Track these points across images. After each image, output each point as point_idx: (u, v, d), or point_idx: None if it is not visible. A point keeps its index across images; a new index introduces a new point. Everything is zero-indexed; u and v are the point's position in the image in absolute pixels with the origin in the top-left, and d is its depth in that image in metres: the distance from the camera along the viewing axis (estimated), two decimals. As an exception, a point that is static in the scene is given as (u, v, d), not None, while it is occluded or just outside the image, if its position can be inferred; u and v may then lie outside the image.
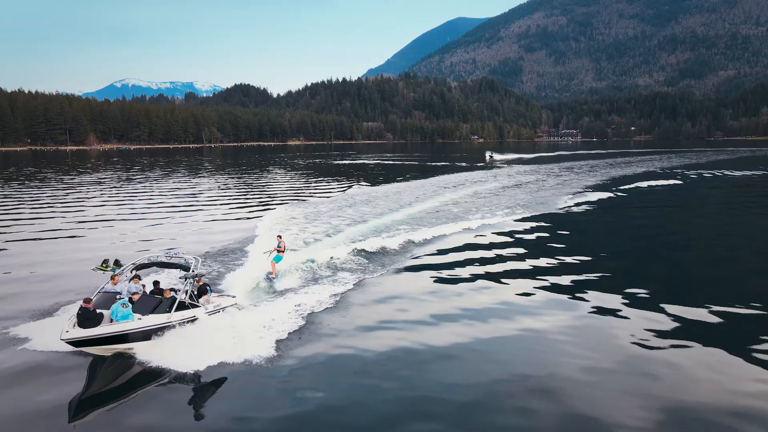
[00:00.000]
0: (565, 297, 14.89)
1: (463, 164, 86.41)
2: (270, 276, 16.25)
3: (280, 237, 17.72)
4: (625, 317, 13.21)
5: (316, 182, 52.80)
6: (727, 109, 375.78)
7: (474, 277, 17.09)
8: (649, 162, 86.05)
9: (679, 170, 66.33)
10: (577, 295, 15.02)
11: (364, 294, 15.23)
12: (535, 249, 21.15)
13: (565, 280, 16.56)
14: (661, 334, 12.08)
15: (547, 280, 16.55)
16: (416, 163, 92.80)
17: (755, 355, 10.91)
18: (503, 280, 16.70)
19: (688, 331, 12.27)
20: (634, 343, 11.56)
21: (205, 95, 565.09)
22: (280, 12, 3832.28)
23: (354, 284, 16.02)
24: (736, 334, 12.24)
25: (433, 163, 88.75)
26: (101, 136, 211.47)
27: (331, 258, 18.75)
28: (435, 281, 16.73)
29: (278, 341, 11.46)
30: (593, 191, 41.81)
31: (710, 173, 61.32)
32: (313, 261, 18.22)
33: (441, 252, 20.74)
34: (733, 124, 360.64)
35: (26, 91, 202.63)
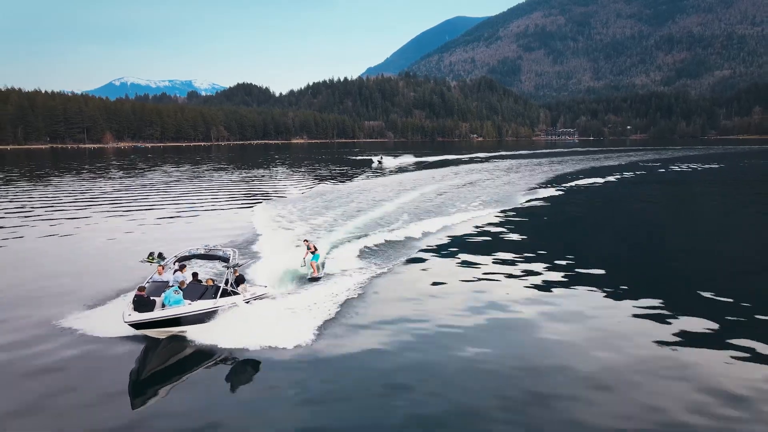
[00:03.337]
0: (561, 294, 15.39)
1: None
2: (313, 275, 16.83)
3: (307, 241, 18.44)
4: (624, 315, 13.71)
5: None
6: (721, 109, 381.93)
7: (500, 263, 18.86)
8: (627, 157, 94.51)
9: (650, 164, 74.91)
10: (578, 291, 15.67)
11: (387, 284, 16.34)
12: (524, 242, 22.70)
13: (557, 275, 17.34)
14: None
15: (538, 276, 17.40)
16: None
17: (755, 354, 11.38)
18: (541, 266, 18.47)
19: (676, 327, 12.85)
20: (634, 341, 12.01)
21: (205, 94, 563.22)
22: (279, 12, 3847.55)
23: (376, 275, 17.09)
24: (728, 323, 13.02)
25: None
26: (116, 135, 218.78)
27: (357, 250, 20.29)
28: (460, 269, 18.28)
29: (314, 327, 12.45)
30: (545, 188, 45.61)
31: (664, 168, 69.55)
32: (335, 254, 19.51)
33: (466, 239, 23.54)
34: (727, 124, 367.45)
35: (43, 91, 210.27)
